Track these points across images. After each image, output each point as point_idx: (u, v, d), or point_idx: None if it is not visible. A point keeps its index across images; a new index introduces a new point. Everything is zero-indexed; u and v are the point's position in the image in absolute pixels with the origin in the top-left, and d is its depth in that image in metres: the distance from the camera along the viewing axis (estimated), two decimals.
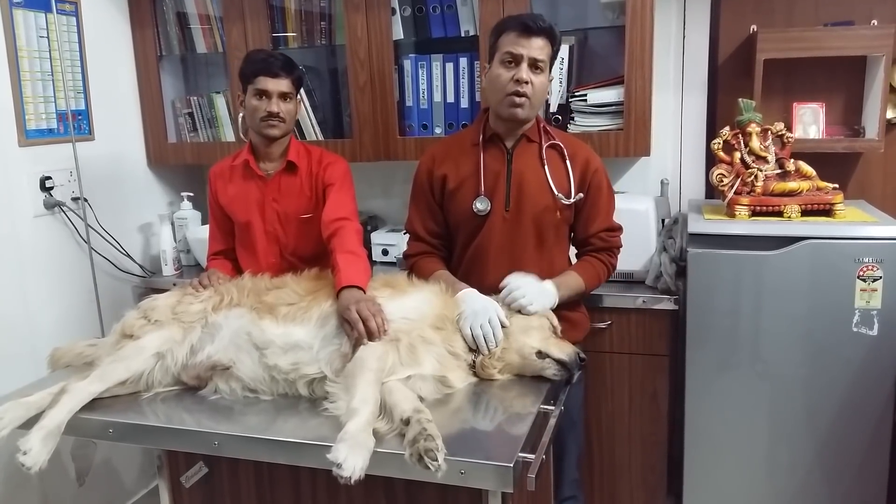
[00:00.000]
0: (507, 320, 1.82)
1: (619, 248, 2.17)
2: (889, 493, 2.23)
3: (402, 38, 2.72)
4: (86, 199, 2.72)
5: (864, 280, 2.10)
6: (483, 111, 2.14)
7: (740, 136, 2.35)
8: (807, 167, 2.30)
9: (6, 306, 2.44)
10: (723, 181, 2.34)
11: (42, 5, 2.55)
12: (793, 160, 2.32)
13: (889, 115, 2.57)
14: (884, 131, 2.48)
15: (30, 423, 1.65)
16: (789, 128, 2.47)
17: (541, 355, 1.75)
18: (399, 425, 1.48)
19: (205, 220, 3.20)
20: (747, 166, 2.32)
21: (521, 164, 2.06)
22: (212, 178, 2.34)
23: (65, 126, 2.66)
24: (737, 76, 2.69)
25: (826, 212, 2.26)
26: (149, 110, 3.03)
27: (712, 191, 2.60)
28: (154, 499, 2.23)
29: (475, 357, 1.78)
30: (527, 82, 1.94)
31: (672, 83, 2.77)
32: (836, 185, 2.30)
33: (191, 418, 1.67)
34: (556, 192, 2.04)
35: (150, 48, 2.98)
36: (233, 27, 2.83)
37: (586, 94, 2.54)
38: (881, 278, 2.09)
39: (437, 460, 1.37)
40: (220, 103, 3.00)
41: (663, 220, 2.62)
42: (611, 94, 2.52)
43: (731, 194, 2.31)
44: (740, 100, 2.37)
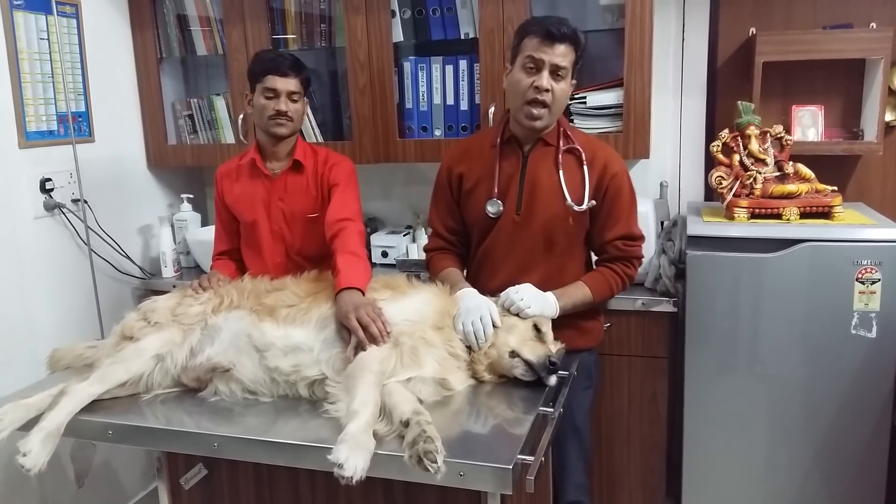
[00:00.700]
0: (499, 320, 1.82)
1: (639, 259, 2.09)
2: (887, 495, 2.24)
3: (402, 40, 2.72)
4: (86, 201, 2.72)
5: (863, 282, 2.11)
6: (505, 111, 2.11)
7: (739, 138, 2.35)
8: (805, 170, 2.31)
9: (6, 308, 2.44)
10: (722, 183, 2.35)
11: (42, 7, 2.55)
12: (792, 163, 2.32)
13: (888, 117, 2.57)
14: (882, 134, 2.49)
15: (29, 425, 1.65)
16: (788, 130, 2.48)
17: (513, 354, 1.75)
18: (398, 427, 1.49)
19: (204, 222, 3.21)
20: (746, 169, 2.33)
21: (536, 168, 2.02)
22: (218, 178, 2.34)
23: (65, 128, 2.66)
24: (736, 79, 2.70)
25: (825, 214, 2.27)
26: (149, 112, 3.04)
27: (711, 193, 2.60)
28: (153, 500, 2.23)
29: (469, 355, 1.79)
30: (547, 90, 1.90)
31: (671, 86, 2.77)
32: (835, 188, 2.31)
33: (190, 420, 1.67)
34: (568, 199, 1.98)
35: (150, 50, 2.99)
36: (233, 29, 2.83)
37: (586, 97, 2.54)
38: (880, 281, 2.10)
39: (436, 462, 1.37)
40: (220, 105, 3.00)
41: (662, 223, 2.62)
42: (610, 97, 2.52)
43: (730, 197, 2.32)
44: (739, 102, 2.38)
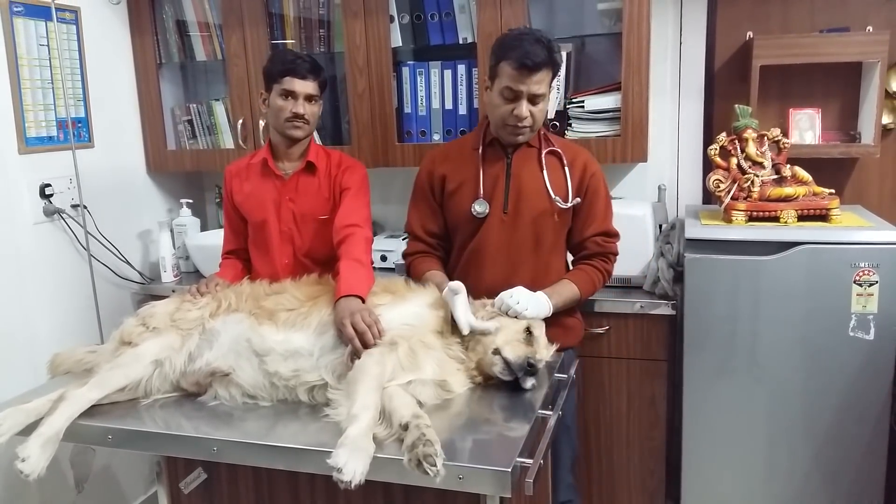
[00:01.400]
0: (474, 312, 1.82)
1: (615, 256, 2.17)
2: (886, 497, 2.24)
3: (401, 45, 2.73)
4: (85, 207, 2.72)
5: (861, 284, 2.11)
6: (484, 118, 2.15)
7: (737, 141, 2.36)
8: (803, 172, 2.31)
9: (6, 313, 2.44)
10: (719, 187, 2.35)
11: (42, 14, 2.56)
12: (789, 165, 2.33)
13: (885, 120, 2.58)
14: (879, 136, 2.49)
15: (29, 430, 1.65)
16: (785, 133, 2.49)
17: (496, 352, 1.76)
18: (398, 430, 1.49)
19: (204, 227, 3.21)
20: (744, 172, 2.33)
21: (521, 168, 2.08)
22: (227, 178, 2.34)
23: (64, 133, 2.67)
24: (733, 82, 2.70)
25: (822, 217, 2.27)
26: (148, 118, 3.04)
27: (709, 196, 2.60)
28: None
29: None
30: (526, 117, 1.95)
31: (669, 89, 2.78)
32: (833, 191, 2.32)
33: (189, 424, 1.67)
34: (553, 196, 2.05)
35: (149, 56, 2.99)
36: (232, 35, 2.84)
37: (583, 101, 2.55)
38: (877, 283, 2.10)
39: (435, 465, 1.37)
40: (220, 110, 3.01)
41: (660, 226, 2.63)
42: (608, 101, 2.53)
43: (727, 199, 2.32)
44: (737, 106, 2.38)
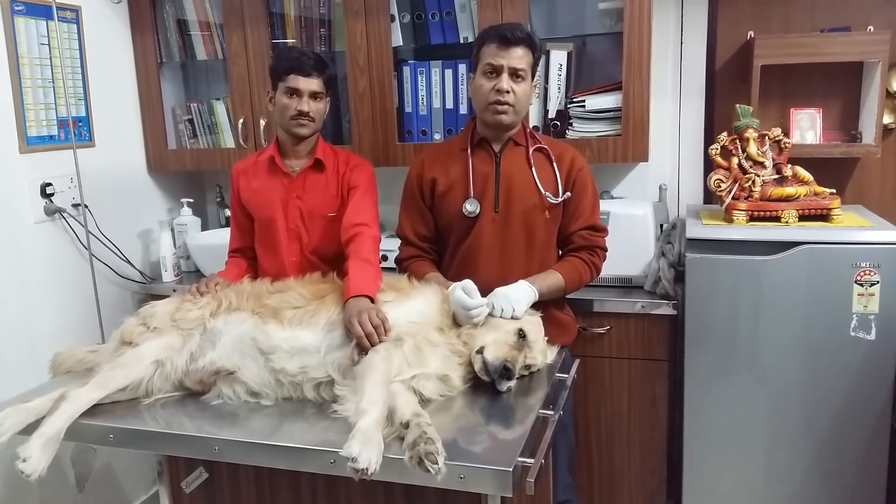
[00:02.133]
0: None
1: (603, 250, 2.17)
2: (887, 497, 2.24)
3: (402, 44, 2.73)
4: (86, 206, 2.72)
5: (862, 284, 2.11)
6: (471, 118, 2.19)
7: (738, 141, 2.36)
8: (804, 172, 2.31)
9: (7, 312, 2.44)
10: (720, 186, 2.35)
11: (43, 13, 2.56)
12: (790, 165, 2.33)
13: (886, 120, 2.58)
14: (881, 136, 2.49)
15: (29, 429, 1.65)
16: (786, 133, 2.48)
17: (479, 350, 1.76)
18: (398, 429, 1.49)
19: (204, 227, 3.21)
20: (745, 171, 2.33)
21: (509, 166, 2.10)
22: (234, 175, 2.33)
23: (65, 133, 2.67)
24: (734, 82, 2.70)
25: (823, 217, 2.27)
26: (149, 117, 3.04)
27: (710, 196, 2.60)
28: None
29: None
30: (508, 91, 1.99)
31: (670, 89, 2.78)
32: (834, 190, 2.31)
33: (191, 424, 1.67)
34: (543, 192, 2.07)
35: (150, 55, 2.99)
36: (233, 34, 2.84)
37: (584, 100, 2.55)
38: (878, 283, 2.10)
39: (437, 463, 1.38)
40: (220, 110, 3.01)
41: (661, 226, 2.63)
42: (609, 100, 2.53)
43: (728, 199, 2.32)
44: (738, 105, 2.38)
